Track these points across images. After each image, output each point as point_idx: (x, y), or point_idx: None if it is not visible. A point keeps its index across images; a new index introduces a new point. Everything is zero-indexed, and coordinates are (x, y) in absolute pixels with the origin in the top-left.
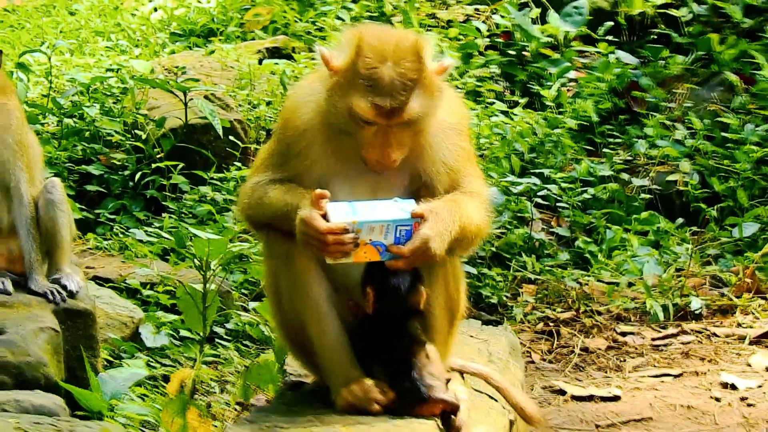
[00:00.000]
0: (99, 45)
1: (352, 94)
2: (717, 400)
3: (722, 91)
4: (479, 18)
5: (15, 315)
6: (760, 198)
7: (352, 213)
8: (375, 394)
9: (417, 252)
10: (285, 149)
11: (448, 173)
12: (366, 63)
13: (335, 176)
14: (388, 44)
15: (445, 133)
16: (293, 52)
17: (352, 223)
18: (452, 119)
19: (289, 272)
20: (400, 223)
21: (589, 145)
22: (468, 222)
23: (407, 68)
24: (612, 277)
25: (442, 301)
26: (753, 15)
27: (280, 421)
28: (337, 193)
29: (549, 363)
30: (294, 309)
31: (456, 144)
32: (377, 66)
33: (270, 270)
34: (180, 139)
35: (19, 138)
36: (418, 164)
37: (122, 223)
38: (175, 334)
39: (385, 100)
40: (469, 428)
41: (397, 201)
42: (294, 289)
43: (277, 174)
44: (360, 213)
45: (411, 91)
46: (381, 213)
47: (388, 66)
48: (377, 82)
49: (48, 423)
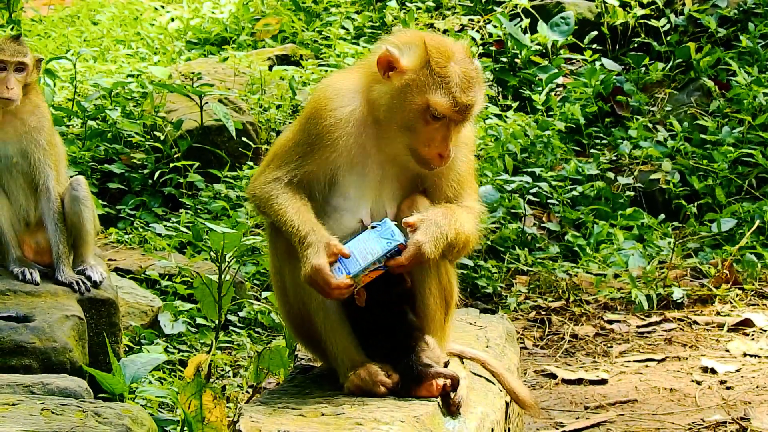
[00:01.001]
0: (120, 52)
1: (429, 93)
2: (698, 383)
3: (700, 96)
4: (474, 27)
5: (43, 304)
6: (737, 195)
7: (343, 267)
8: (380, 377)
9: (412, 258)
10: (313, 139)
11: (453, 183)
12: (438, 63)
13: (350, 171)
14: (448, 47)
15: (459, 144)
16: (301, 59)
17: (346, 278)
18: (466, 132)
19: (292, 267)
20: (387, 252)
21: (577, 146)
22: (461, 230)
23: (471, 68)
24: (599, 268)
25: (435, 291)
26: (727, 25)
27: (291, 403)
28: (347, 187)
29: (541, 349)
30: (299, 300)
31: (467, 156)
32: (449, 66)
33: (274, 264)
34: (196, 139)
35: (50, 138)
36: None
37: (142, 219)
38: (192, 322)
39: (462, 95)
40: (468, 406)
41: (374, 227)
42: (297, 282)
43: (297, 169)
44: (350, 264)
45: (479, 88)
46: (367, 253)
47: (457, 66)
48: (453, 80)
49: (73, 404)
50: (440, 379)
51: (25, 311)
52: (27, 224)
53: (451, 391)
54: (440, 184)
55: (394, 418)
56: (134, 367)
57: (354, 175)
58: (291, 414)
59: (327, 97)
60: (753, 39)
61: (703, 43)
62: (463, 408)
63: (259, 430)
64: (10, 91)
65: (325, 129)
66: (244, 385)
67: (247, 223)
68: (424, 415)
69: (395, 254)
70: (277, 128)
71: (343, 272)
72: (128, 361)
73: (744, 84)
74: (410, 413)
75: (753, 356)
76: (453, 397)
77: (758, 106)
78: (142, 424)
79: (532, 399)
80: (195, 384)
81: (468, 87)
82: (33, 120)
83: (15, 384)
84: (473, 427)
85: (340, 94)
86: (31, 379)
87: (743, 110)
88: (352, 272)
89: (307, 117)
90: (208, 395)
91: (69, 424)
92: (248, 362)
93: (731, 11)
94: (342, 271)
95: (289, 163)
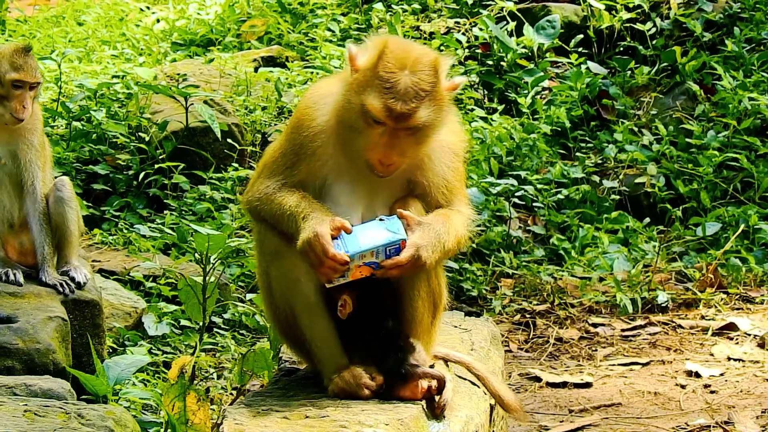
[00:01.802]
0: (105, 53)
1: (368, 93)
2: (682, 387)
3: (685, 100)
4: (459, 30)
5: (26, 305)
6: (722, 199)
7: (343, 245)
8: (364, 379)
9: (410, 260)
10: (297, 149)
11: (442, 190)
12: (386, 67)
13: (339, 178)
14: (408, 54)
15: (444, 152)
16: (287, 61)
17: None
18: (452, 140)
19: (279, 268)
20: (389, 245)
21: (563, 149)
22: (458, 236)
23: (422, 79)
24: (584, 272)
25: (425, 294)
26: (713, 29)
27: (275, 405)
28: (337, 194)
29: (525, 352)
30: (285, 301)
31: (453, 164)
32: (395, 71)
33: (261, 265)
34: (181, 141)
35: (41, 139)
36: (417, 176)
37: (126, 220)
38: (176, 324)
39: (396, 103)
40: (452, 409)
41: (383, 220)
42: (284, 283)
43: (287, 178)
44: (350, 244)
45: (422, 100)
46: (370, 238)
47: (405, 74)
48: (393, 86)
49: (56, 406)
50: (425, 381)
51: (8, 312)
52: (11, 225)
53: (436, 394)
54: (430, 192)
55: (378, 420)
56: (118, 368)
57: (343, 183)
58: (275, 416)
59: (307, 106)
60: (738, 43)
61: (688, 47)
62: (447, 411)
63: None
64: (25, 111)
65: (307, 139)
66: (228, 387)
67: (232, 224)
68: (409, 417)
69: (394, 252)
70: (263, 130)
71: (341, 249)
72: (112, 363)
73: (729, 88)
74: (395, 416)
75: (737, 360)
76: (438, 400)
77: (743, 110)
78: (125, 426)
79: (516, 402)
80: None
81: (408, 97)
82: (27, 121)
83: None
84: (457, 430)
85: (319, 102)
86: (14, 381)
87: (728, 114)
88: (350, 251)
89: (292, 127)
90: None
91: (52, 425)
92: (232, 364)
93: (717, 15)
94: (340, 248)
95: (278, 173)
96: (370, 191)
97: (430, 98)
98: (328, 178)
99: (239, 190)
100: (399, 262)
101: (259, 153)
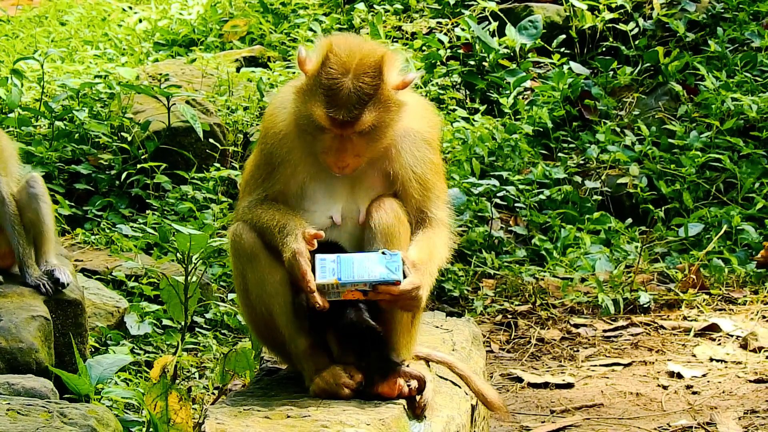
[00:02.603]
0: (88, 53)
1: (313, 102)
2: (664, 387)
3: (668, 101)
4: (441, 30)
5: (9, 304)
6: (704, 200)
7: (338, 270)
8: (344, 379)
9: (406, 295)
10: (269, 158)
11: (417, 183)
12: (329, 73)
13: (315, 180)
14: (353, 57)
15: (413, 141)
16: (269, 61)
17: (334, 283)
18: (420, 127)
19: (253, 270)
20: (382, 283)
21: (545, 150)
22: (442, 263)
23: (366, 83)
24: (566, 272)
25: None
26: (696, 30)
27: (256, 405)
28: (316, 195)
29: (507, 352)
30: (261, 303)
31: (424, 154)
32: (338, 78)
33: (237, 267)
34: (163, 141)
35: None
36: (390, 169)
37: (109, 219)
38: (158, 323)
39: (339, 111)
40: (434, 409)
41: (384, 254)
42: (259, 284)
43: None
44: (345, 270)
45: (365, 105)
46: (365, 271)
47: (348, 78)
48: (335, 94)
49: (39, 405)
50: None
51: None
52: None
53: (417, 394)
54: (407, 186)
55: (359, 420)
56: (100, 368)
57: (320, 183)
58: (256, 416)
59: (270, 113)
60: (721, 44)
61: (671, 48)
62: (428, 411)
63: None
64: None
65: (275, 147)
66: (210, 387)
67: (213, 224)
68: (390, 417)
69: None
70: (245, 130)
71: (335, 275)
72: (94, 362)
73: (712, 89)
74: (376, 416)
75: (719, 361)
76: (419, 400)
77: (726, 110)
78: (107, 425)
79: (499, 401)
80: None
81: (350, 103)
82: None
83: None
84: (439, 430)
85: (279, 107)
86: None
87: (711, 115)
88: (342, 279)
89: (260, 137)
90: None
91: (34, 424)
92: (214, 364)
93: (700, 16)
94: (334, 274)
95: (257, 187)
96: (348, 188)
97: (375, 101)
98: (304, 181)
99: (221, 190)
100: (393, 292)
101: (241, 153)
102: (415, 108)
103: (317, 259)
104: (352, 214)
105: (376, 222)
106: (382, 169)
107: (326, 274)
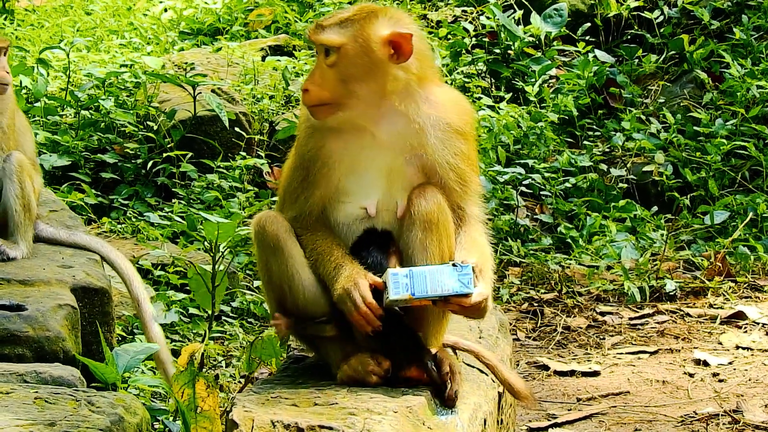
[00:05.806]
0: (113, 43)
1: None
2: (690, 375)
3: (693, 88)
4: (467, 19)
5: (36, 293)
6: (730, 188)
7: (411, 285)
8: (372, 366)
9: (476, 306)
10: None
11: (455, 178)
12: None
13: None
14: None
15: (446, 133)
16: (294, 50)
17: (408, 298)
18: (454, 120)
19: (278, 261)
20: (455, 296)
21: (570, 138)
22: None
23: (354, 12)
24: (592, 260)
25: None
26: (721, 17)
27: (283, 392)
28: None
29: (533, 340)
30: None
31: (459, 146)
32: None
33: (261, 260)
34: (189, 129)
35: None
36: (426, 161)
37: (135, 208)
38: (184, 312)
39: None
40: (461, 396)
41: (455, 266)
42: (285, 275)
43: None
44: (418, 285)
45: (337, 26)
46: (439, 284)
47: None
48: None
49: (66, 393)
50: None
51: (18, 300)
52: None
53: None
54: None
55: (387, 408)
56: (127, 356)
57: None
58: (284, 404)
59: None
60: (746, 31)
61: (696, 35)
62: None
63: (252, 420)
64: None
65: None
66: (237, 375)
67: (240, 213)
68: (417, 405)
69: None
70: (270, 118)
71: (408, 290)
72: (121, 351)
73: (737, 76)
74: (403, 404)
75: (745, 349)
76: (449, 389)
77: (751, 98)
78: (134, 413)
79: (527, 389)
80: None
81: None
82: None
83: (8, 373)
84: (466, 418)
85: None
86: (24, 368)
87: (736, 102)
88: (416, 294)
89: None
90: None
91: (62, 413)
92: (240, 352)
93: (725, 3)
94: (407, 289)
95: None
96: (385, 181)
97: (353, 32)
98: (339, 179)
99: (247, 179)
100: (464, 303)
101: (267, 141)
102: (449, 99)
103: (389, 275)
104: (389, 206)
105: (416, 208)
106: (418, 162)
107: (399, 290)
